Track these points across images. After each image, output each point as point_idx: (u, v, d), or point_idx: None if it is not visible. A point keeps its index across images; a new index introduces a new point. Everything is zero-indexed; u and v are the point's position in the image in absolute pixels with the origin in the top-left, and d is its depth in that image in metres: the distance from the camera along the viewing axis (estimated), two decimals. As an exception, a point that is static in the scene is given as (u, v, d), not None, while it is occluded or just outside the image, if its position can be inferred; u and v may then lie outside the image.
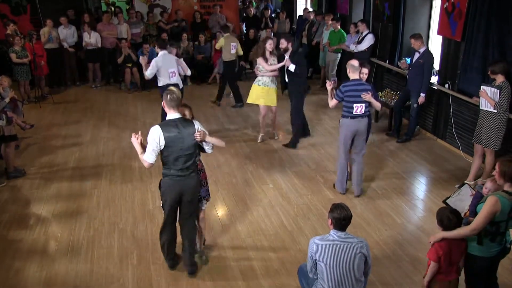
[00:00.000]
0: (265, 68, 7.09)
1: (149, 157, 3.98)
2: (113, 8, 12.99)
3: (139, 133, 4.09)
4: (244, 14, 13.62)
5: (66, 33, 10.68)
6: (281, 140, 7.59)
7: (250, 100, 7.45)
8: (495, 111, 5.41)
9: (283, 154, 7.15)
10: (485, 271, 3.63)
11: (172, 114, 4.03)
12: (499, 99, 5.35)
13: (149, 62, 7.47)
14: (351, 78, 5.52)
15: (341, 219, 3.30)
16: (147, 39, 11.30)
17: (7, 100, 6.32)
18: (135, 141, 4.08)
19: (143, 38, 11.39)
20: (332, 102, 5.64)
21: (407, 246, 4.83)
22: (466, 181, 4.75)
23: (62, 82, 11.19)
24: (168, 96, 3.99)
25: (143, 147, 4.07)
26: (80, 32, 10.84)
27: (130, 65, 10.57)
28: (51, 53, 10.34)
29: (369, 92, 5.42)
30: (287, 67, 6.93)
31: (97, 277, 4.44)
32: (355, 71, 5.51)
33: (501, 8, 5.99)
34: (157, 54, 7.41)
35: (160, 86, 7.34)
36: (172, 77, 7.24)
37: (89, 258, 4.72)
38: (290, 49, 6.91)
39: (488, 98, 5.42)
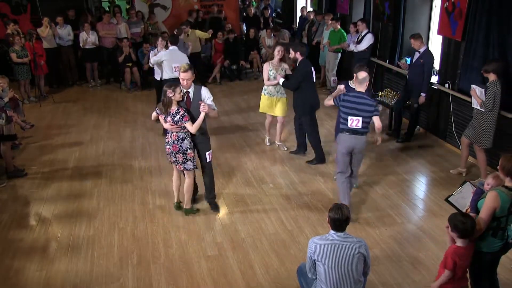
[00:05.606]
0: (264, 79, 6.82)
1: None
2: (113, 7, 12.97)
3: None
4: (244, 14, 13.62)
5: (62, 33, 10.68)
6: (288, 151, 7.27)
7: (260, 109, 7.16)
8: (483, 109, 5.48)
9: (283, 154, 7.15)
10: (489, 266, 3.67)
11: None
12: (485, 97, 5.40)
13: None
14: (356, 89, 5.15)
15: (335, 220, 3.29)
16: (147, 39, 11.30)
17: (6, 99, 6.33)
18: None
19: (144, 37, 11.38)
20: (329, 102, 5.38)
21: (407, 246, 4.83)
22: (467, 179, 4.77)
23: (62, 82, 11.19)
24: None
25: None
26: (77, 32, 10.82)
27: (130, 64, 10.55)
28: (49, 52, 10.33)
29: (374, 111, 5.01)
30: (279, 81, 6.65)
31: (97, 277, 4.44)
32: (362, 84, 5.10)
33: (501, 8, 5.99)
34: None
35: (165, 79, 7.39)
36: (175, 71, 7.33)
37: (89, 258, 4.73)
38: (300, 57, 6.50)
39: (476, 97, 5.50)
